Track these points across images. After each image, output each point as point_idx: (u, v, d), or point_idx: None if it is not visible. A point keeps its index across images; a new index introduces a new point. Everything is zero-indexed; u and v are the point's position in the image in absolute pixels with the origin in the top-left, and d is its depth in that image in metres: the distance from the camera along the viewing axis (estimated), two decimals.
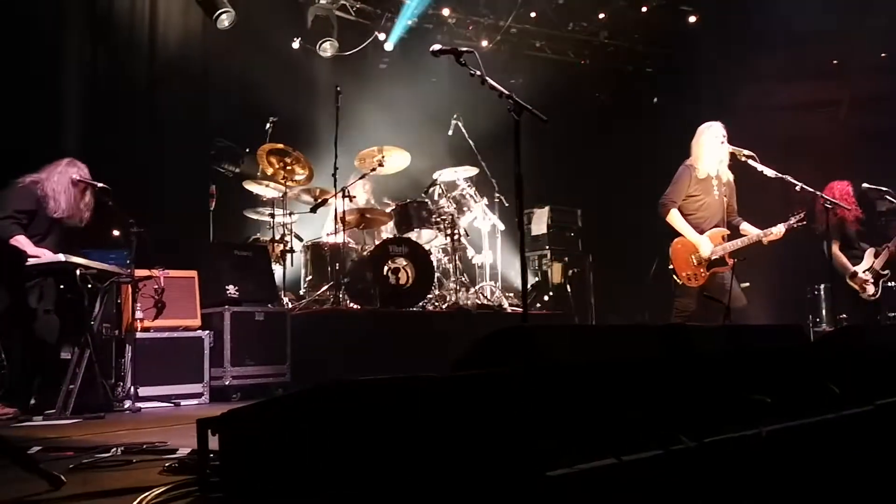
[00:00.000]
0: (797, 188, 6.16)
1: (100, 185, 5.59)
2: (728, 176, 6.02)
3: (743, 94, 9.84)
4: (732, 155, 5.89)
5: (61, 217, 5.56)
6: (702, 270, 5.82)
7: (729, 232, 5.93)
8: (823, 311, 7.47)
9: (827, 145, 9.37)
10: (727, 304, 5.31)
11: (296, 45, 9.04)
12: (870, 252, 6.98)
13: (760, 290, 7.26)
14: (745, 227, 5.99)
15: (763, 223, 6.00)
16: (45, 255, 5.25)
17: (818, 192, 6.05)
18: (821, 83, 9.90)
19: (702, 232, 5.85)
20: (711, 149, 5.88)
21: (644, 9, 10.38)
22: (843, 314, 7.01)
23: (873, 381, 2.95)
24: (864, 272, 6.97)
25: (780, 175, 5.93)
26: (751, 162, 5.85)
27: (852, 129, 9.70)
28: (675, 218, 5.87)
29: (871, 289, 6.94)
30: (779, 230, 5.86)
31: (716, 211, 5.94)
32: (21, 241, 5.27)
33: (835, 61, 9.87)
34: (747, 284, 7.09)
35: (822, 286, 7.34)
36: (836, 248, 6.79)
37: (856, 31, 9.41)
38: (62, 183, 5.51)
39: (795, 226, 5.91)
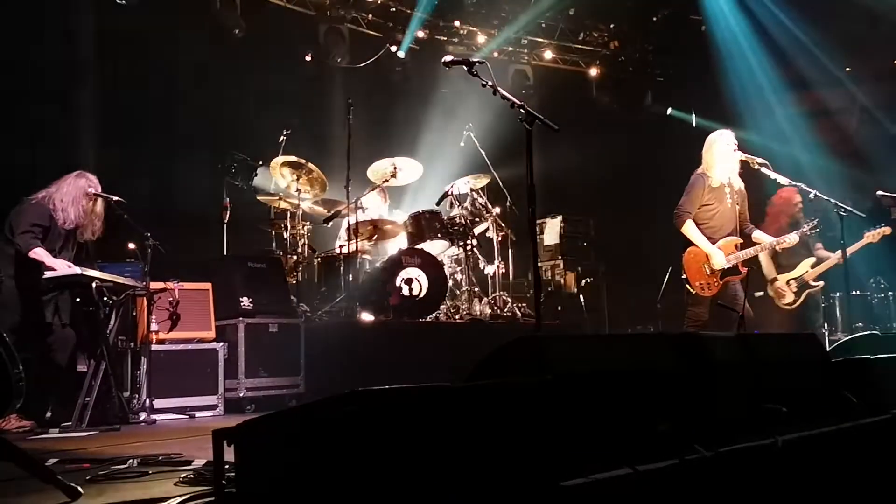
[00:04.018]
0: (811, 195, 6.14)
1: (115, 198, 5.63)
2: (739, 184, 5.99)
3: (754, 102, 9.82)
4: (744, 163, 5.87)
5: (73, 229, 5.60)
6: (714, 279, 5.79)
7: (742, 240, 5.90)
8: (839, 320, 7.40)
9: (839, 153, 9.32)
10: (741, 313, 5.28)
11: (308, 57, 9.09)
12: (805, 262, 6.88)
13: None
14: (758, 235, 5.96)
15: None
16: (62, 268, 5.29)
17: (832, 200, 6.01)
18: (833, 90, 9.85)
19: (714, 241, 5.83)
20: (723, 157, 5.86)
21: (654, 18, 10.39)
22: (858, 322, 6.93)
23: (890, 390, 2.93)
24: (787, 281, 6.88)
25: (793, 182, 5.91)
26: (764, 169, 5.82)
27: (865, 136, 9.65)
28: (690, 229, 5.84)
29: (788, 297, 6.82)
30: (792, 238, 5.84)
31: (728, 219, 5.91)
32: (40, 254, 5.31)
33: (847, 69, 9.83)
34: (762, 294, 7.05)
35: (838, 294, 7.27)
36: (765, 254, 6.66)
37: (867, 37, 9.39)
38: (71, 194, 5.55)
39: (809, 234, 5.87)
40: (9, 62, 6.62)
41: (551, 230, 9.48)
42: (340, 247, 7.53)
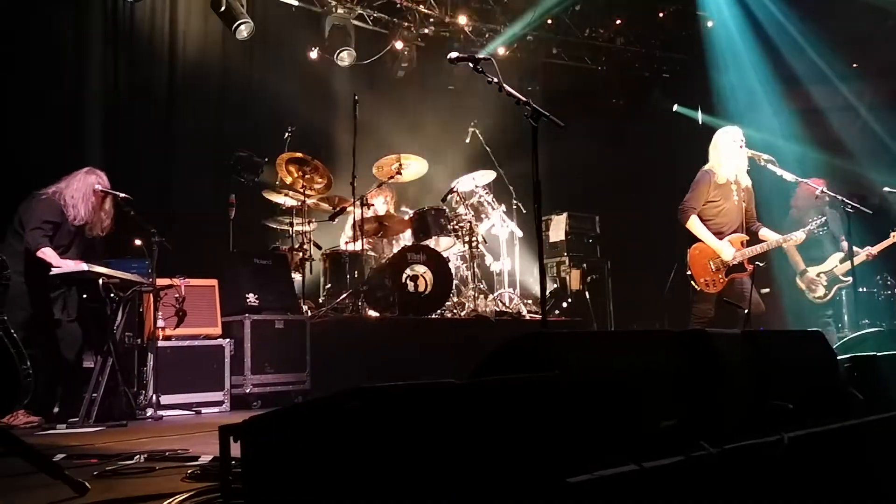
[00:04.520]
0: (818, 192, 6.14)
1: (122, 195, 5.65)
2: (747, 181, 5.99)
3: (760, 98, 9.79)
4: (751, 159, 5.87)
5: (82, 225, 5.61)
6: (720, 276, 5.79)
7: (748, 237, 5.90)
8: (845, 317, 7.38)
9: (846, 149, 9.29)
10: (747, 310, 5.27)
11: (313, 54, 9.09)
12: (835, 256, 6.84)
13: (781, 294, 7.21)
14: (765, 232, 5.95)
15: (782, 226, 5.98)
16: (69, 267, 5.31)
17: (838, 196, 6.01)
18: (840, 87, 9.81)
19: (721, 238, 5.82)
20: (730, 153, 5.86)
21: (660, 14, 10.36)
22: (865, 319, 6.91)
23: None
24: (818, 274, 6.85)
25: (799, 179, 5.90)
26: (770, 166, 5.82)
27: (872, 133, 9.61)
28: (695, 224, 5.84)
29: (820, 291, 6.80)
30: (799, 236, 5.83)
31: (735, 216, 5.90)
32: (47, 254, 5.33)
33: (854, 65, 9.79)
34: (767, 290, 7.04)
35: (844, 291, 7.26)
36: (791, 247, 6.67)
37: (876, 32, 9.35)
38: (81, 191, 5.57)
39: (816, 231, 5.86)
40: (14, 60, 6.64)
41: (557, 227, 9.47)
42: (346, 243, 7.55)
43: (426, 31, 9.85)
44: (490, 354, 2.11)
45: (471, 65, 4.30)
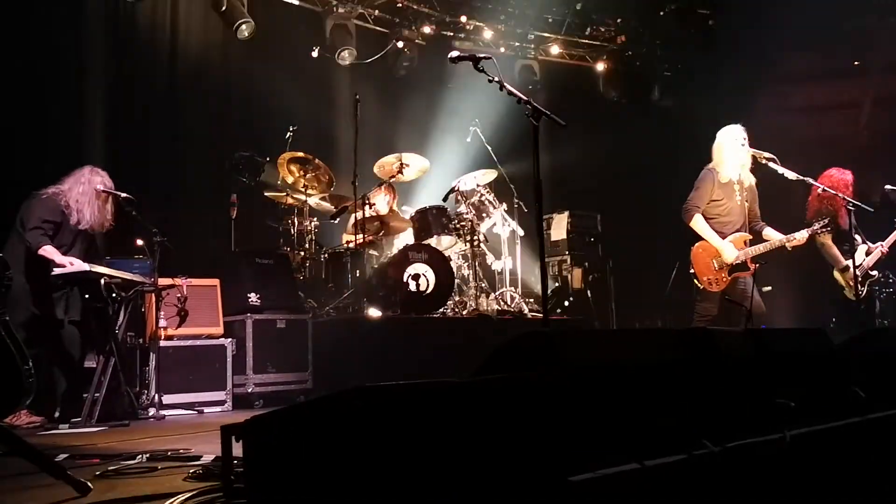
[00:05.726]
0: (818, 190, 6.14)
1: (123, 194, 5.64)
2: (750, 180, 5.98)
3: (762, 96, 9.78)
4: (753, 158, 5.86)
5: (85, 227, 5.61)
6: (723, 275, 5.79)
7: (751, 237, 5.89)
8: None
9: (848, 147, 9.28)
10: (749, 309, 5.27)
11: (315, 53, 9.09)
12: (862, 249, 6.76)
13: (783, 292, 7.20)
14: (768, 232, 5.95)
15: (785, 226, 5.97)
16: (73, 265, 5.30)
17: (839, 194, 5.99)
18: (842, 84, 9.80)
19: (724, 237, 5.82)
20: (733, 152, 5.86)
21: (661, 12, 10.36)
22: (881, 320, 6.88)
23: None
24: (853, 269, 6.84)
25: (800, 177, 5.89)
26: (771, 164, 5.81)
27: (874, 130, 9.61)
28: (699, 223, 5.84)
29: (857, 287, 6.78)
30: (802, 236, 5.82)
31: (738, 216, 5.90)
32: (49, 251, 5.33)
33: (856, 62, 9.78)
34: (769, 288, 7.03)
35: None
36: (828, 240, 6.64)
37: (878, 30, 9.34)
38: (86, 194, 5.55)
39: (819, 231, 5.85)
40: (16, 58, 6.64)
41: (558, 226, 9.47)
42: (348, 242, 7.54)
43: (427, 30, 9.85)
44: (492, 353, 2.11)
45: (472, 64, 4.30)
